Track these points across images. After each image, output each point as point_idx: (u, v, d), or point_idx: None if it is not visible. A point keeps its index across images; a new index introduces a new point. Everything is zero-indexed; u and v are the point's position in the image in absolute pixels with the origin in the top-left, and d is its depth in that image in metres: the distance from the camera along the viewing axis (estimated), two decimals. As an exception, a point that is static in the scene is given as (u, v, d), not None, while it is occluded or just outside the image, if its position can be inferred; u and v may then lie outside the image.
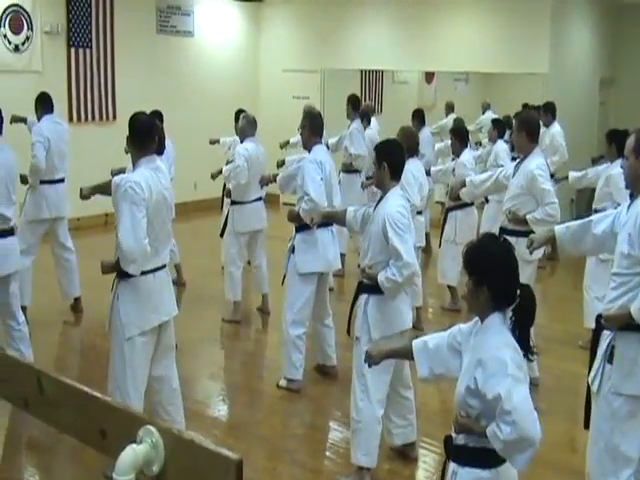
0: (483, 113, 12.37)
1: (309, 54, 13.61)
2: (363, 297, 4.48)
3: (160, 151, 4.70)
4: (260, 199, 7.52)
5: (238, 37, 14.01)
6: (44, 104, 7.35)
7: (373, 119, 10.29)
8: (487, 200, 8.31)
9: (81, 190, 4.82)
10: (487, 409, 2.69)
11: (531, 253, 4.35)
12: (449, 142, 8.15)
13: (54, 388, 2.37)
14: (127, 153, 4.61)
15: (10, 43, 10.59)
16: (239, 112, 8.49)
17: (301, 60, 13.72)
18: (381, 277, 4.31)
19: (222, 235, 7.68)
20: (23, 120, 7.56)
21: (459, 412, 2.78)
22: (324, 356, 6.19)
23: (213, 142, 9.53)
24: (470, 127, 10.48)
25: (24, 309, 6.39)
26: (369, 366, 3.59)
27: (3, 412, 5.21)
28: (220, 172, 8.09)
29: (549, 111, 9.82)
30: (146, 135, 4.33)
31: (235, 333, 7.35)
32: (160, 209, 4.31)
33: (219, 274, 8.42)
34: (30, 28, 10.79)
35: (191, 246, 9.57)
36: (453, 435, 2.86)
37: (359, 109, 9.46)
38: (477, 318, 2.91)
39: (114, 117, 11.78)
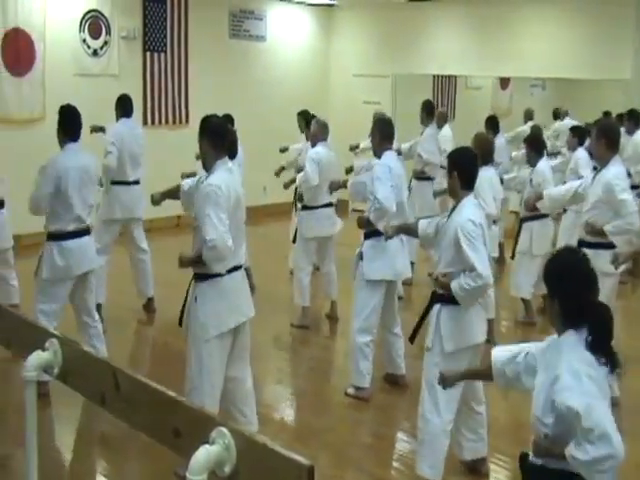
0: (555, 119, 12.14)
1: (380, 59, 13.62)
2: (436, 307, 4.46)
3: (232, 154, 4.78)
4: (330, 205, 7.55)
5: (309, 41, 14.12)
6: (124, 107, 7.57)
7: (446, 126, 10.23)
8: (565, 210, 8.14)
9: (152, 196, 4.94)
10: (564, 428, 2.64)
11: (616, 268, 4.25)
12: (525, 151, 8.02)
13: (130, 385, 2.43)
14: (198, 159, 4.70)
15: (89, 47, 10.93)
16: (307, 114, 8.56)
17: (372, 65, 13.73)
18: (454, 285, 4.28)
19: (294, 240, 7.75)
20: (102, 129, 7.78)
21: (539, 434, 2.74)
22: (393, 365, 6.18)
23: (283, 150, 9.61)
24: (546, 133, 10.31)
25: (99, 307, 6.59)
26: (443, 388, 3.59)
27: (76, 406, 5.36)
28: (292, 182, 8.17)
29: (632, 119, 9.58)
30: (220, 137, 4.44)
31: (303, 339, 7.40)
32: (236, 210, 4.41)
33: (288, 279, 8.49)
34: (108, 33, 11.10)
35: (260, 250, 9.66)
36: (529, 453, 2.82)
37: (433, 115, 9.43)
38: (555, 335, 2.89)
39: (187, 121, 12.03)
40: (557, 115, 12.37)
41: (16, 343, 2.98)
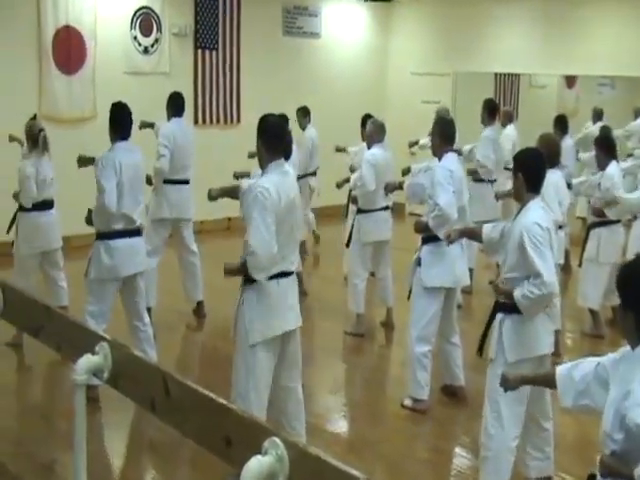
0: (637, 118, 11.85)
1: (440, 56, 13.52)
2: (499, 316, 4.39)
3: (287, 155, 4.79)
4: (387, 208, 7.52)
5: (366, 38, 14.09)
6: (175, 105, 7.65)
7: (511, 125, 10.11)
8: (635, 217, 7.96)
9: (209, 191, 4.98)
10: (634, 446, 2.57)
11: None
12: (594, 153, 7.84)
13: (180, 391, 2.45)
14: (251, 157, 4.72)
15: (140, 45, 11.10)
16: (366, 117, 8.52)
17: (431, 62, 13.65)
18: (517, 294, 4.20)
19: (348, 245, 7.73)
20: (151, 125, 7.89)
21: (607, 452, 2.68)
22: (451, 376, 6.11)
23: (340, 150, 9.60)
24: (617, 132, 10.10)
25: (149, 310, 6.66)
26: (505, 390, 3.53)
27: (125, 411, 5.43)
28: (346, 181, 8.15)
29: None
30: (277, 138, 4.44)
31: (358, 347, 7.38)
32: (288, 214, 4.40)
33: (342, 285, 8.48)
34: (159, 30, 11.26)
35: (313, 254, 9.68)
36: (597, 474, 2.75)
37: (495, 115, 9.31)
38: (628, 346, 2.82)
39: (238, 120, 12.12)
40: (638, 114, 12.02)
41: (66, 346, 3.03)
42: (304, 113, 10.33)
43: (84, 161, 6.49)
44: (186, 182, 7.62)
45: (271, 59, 12.57)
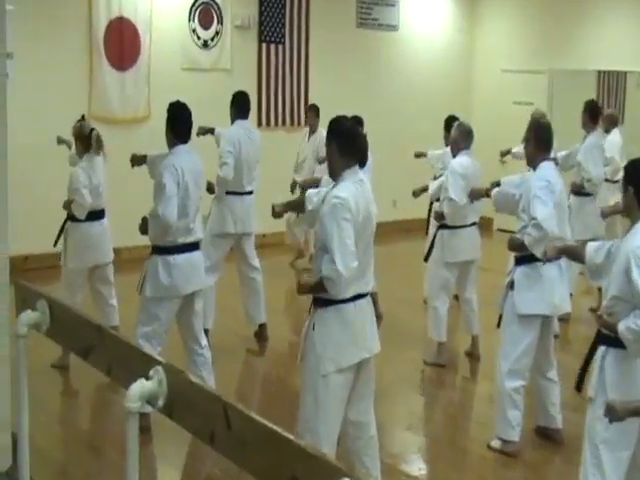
0: None
1: (534, 52, 13.39)
2: (601, 350, 4.28)
3: (362, 163, 4.79)
4: (474, 224, 7.45)
5: (449, 30, 14.07)
6: (240, 106, 7.70)
7: (615, 130, 9.92)
8: None
9: (273, 208, 5.00)
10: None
11: None
12: None
13: (242, 424, 2.45)
14: (321, 163, 4.72)
15: (199, 39, 11.29)
16: (450, 119, 8.47)
17: (524, 59, 13.52)
18: (621, 327, 4.08)
19: (426, 259, 7.67)
20: (211, 131, 7.97)
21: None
22: (546, 416, 6.00)
23: (419, 155, 9.56)
24: None
25: (206, 332, 6.73)
26: (610, 421, 3.46)
27: (180, 443, 5.48)
28: (424, 190, 8.10)
29: None
30: (351, 143, 4.44)
31: (438, 379, 7.33)
32: (365, 228, 4.40)
33: (421, 308, 8.42)
34: (220, 22, 11.43)
35: (389, 273, 9.62)
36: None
37: (598, 119, 9.14)
38: None
39: (306, 122, 12.17)
40: None
41: (117, 370, 3.07)
42: (316, 113, 10.50)
43: (138, 160, 6.55)
44: (250, 193, 7.69)
45: (343, 54, 12.64)
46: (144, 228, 5.74)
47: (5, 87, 3.52)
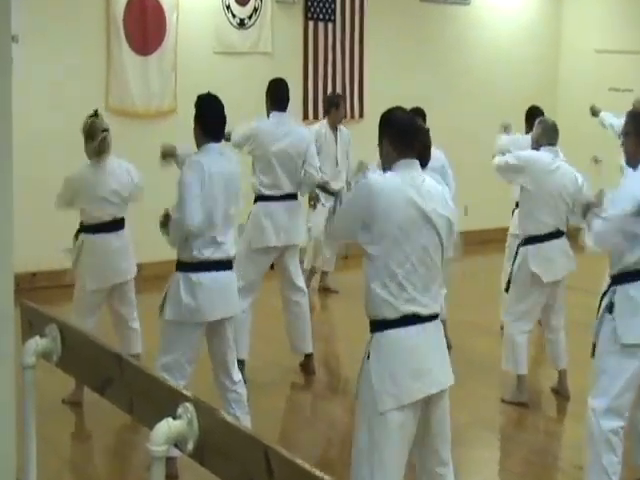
0: None
1: (635, 28, 13.28)
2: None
3: (424, 162, 4.79)
4: (562, 234, 7.37)
5: (530, 5, 14.02)
6: (276, 96, 7.71)
7: None
8: None
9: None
10: None
11: None
12: None
13: (286, 471, 2.47)
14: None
15: (234, 17, 11.40)
16: (532, 111, 8.44)
17: (623, 37, 13.45)
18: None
19: (507, 289, 7.61)
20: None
21: None
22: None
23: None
24: None
25: (241, 364, 6.75)
26: None
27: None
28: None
29: None
30: (407, 133, 4.45)
31: (519, 420, 7.29)
32: (424, 235, 4.37)
33: (497, 336, 8.38)
34: (259, -3, 11.51)
35: (459, 294, 9.60)
36: None
37: None
38: None
39: (361, 114, 12.27)
40: None
41: (140, 407, 3.10)
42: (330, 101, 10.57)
43: (169, 150, 6.61)
44: (293, 197, 7.71)
45: (405, 33, 12.70)
46: (164, 225, 5.79)
47: (10, 72, 3.57)
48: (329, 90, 12.03)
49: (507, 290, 7.61)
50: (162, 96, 10.86)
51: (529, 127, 7.99)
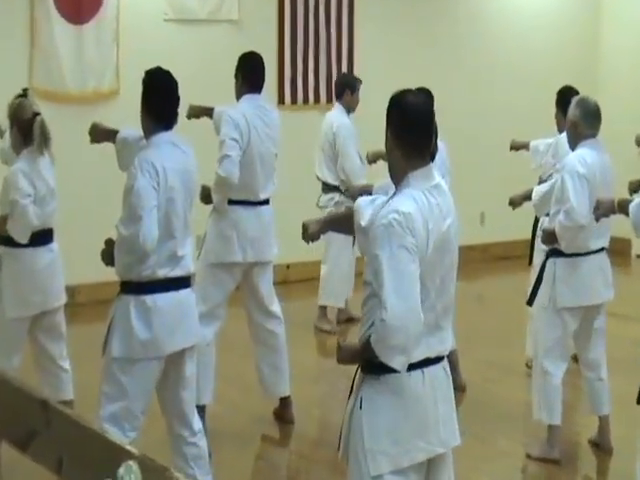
0: None
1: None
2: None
3: (433, 156, 4.78)
4: (603, 249, 7.37)
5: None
6: (251, 75, 7.67)
7: None
8: None
9: (305, 228, 4.99)
10: None
11: None
12: None
13: None
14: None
15: (191, -24, 11.36)
16: (567, 93, 8.45)
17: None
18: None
19: (530, 302, 7.63)
20: (207, 112, 7.95)
21: None
22: None
23: (517, 147, 9.55)
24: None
25: (202, 411, 6.72)
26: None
27: None
28: (527, 197, 8.05)
29: None
30: (421, 130, 4.43)
31: (549, 478, 7.30)
32: (441, 257, 4.35)
33: (522, 375, 8.40)
34: (222, -49, 11.52)
35: (474, 323, 9.62)
36: None
37: None
38: None
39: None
40: None
41: (71, 466, 3.07)
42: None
43: (101, 133, 6.54)
44: (265, 202, 7.69)
45: (405, 1, 12.69)
46: (109, 256, 5.73)
47: None
48: (310, 68, 12.03)
49: (530, 302, 7.62)
50: (101, 75, 10.82)
51: (563, 112, 7.96)
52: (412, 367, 4.34)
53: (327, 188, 9.96)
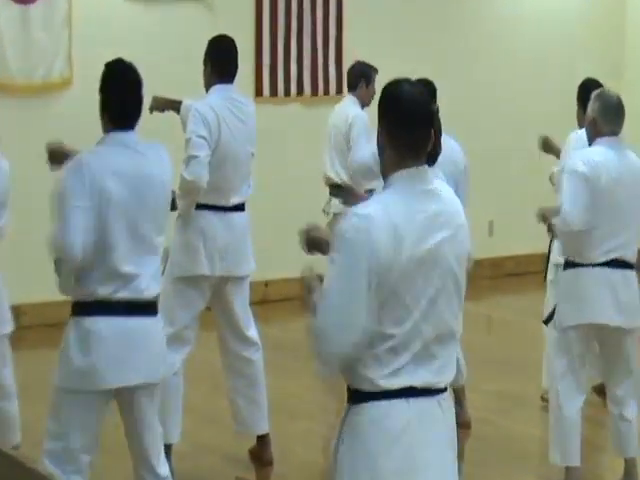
0: None
1: None
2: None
3: (434, 158, 4.79)
4: (618, 263, 7.37)
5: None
6: (219, 61, 7.67)
7: None
8: None
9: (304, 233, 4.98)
10: None
11: None
12: None
13: None
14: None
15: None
16: (587, 85, 8.48)
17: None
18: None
19: (547, 321, 7.64)
20: (174, 106, 7.91)
21: None
22: None
23: (547, 147, 9.52)
24: None
25: (168, 451, 6.72)
26: None
27: None
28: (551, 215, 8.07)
29: None
30: (414, 126, 4.41)
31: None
32: (427, 271, 4.33)
33: (537, 410, 8.42)
34: None
35: (481, 350, 9.62)
36: None
37: None
38: None
39: (339, 90, 12.25)
40: None
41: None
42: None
43: (58, 156, 6.56)
44: (239, 208, 7.71)
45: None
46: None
47: None
48: (292, 55, 12.02)
49: (547, 322, 7.62)
50: (51, 62, 10.78)
51: (582, 108, 7.99)
52: (392, 395, 4.31)
53: (340, 190, 9.88)
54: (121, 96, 5.81)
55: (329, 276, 4.21)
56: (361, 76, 10.33)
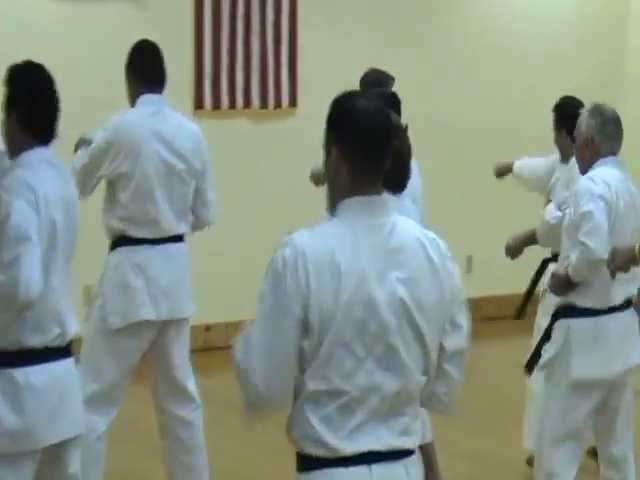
0: None
1: None
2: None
3: (402, 184, 4.78)
4: (628, 305, 7.41)
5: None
6: (144, 69, 7.69)
7: None
8: None
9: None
10: None
11: None
12: None
13: None
14: (317, 185, 4.64)
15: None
16: (565, 105, 8.60)
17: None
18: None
19: (529, 369, 7.64)
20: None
21: None
22: None
23: (501, 173, 9.63)
24: None
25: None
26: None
27: None
28: (530, 241, 8.10)
29: None
30: (374, 141, 4.37)
31: None
32: (380, 315, 4.30)
33: (519, 476, 8.43)
34: None
35: (457, 406, 9.61)
36: None
37: None
38: None
39: (294, 103, 12.25)
40: None
41: None
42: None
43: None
44: (178, 239, 7.67)
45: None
46: None
47: None
48: (239, 61, 12.05)
49: (529, 370, 7.61)
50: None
51: (567, 131, 8.08)
52: (350, 461, 4.29)
53: None
54: (40, 105, 5.79)
55: (256, 312, 4.20)
56: (376, 86, 10.31)
